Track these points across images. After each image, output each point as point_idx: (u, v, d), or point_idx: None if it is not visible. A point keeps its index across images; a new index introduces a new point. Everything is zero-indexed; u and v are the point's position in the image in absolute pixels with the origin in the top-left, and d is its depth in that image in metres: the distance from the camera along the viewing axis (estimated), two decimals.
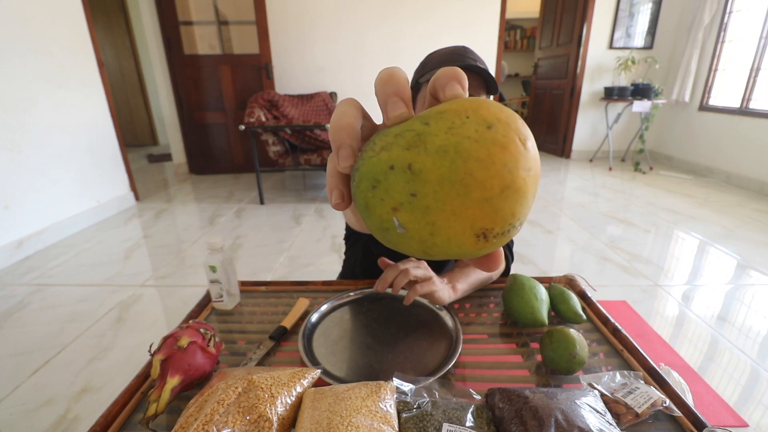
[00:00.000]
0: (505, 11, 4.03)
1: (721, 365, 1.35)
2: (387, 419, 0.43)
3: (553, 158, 4.75)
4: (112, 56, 5.48)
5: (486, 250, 0.20)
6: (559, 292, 0.71)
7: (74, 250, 2.31)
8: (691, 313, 1.67)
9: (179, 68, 3.78)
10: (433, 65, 0.76)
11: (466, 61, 0.74)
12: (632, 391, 0.50)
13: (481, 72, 0.74)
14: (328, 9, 3.84)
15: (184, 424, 0.43)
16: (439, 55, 0.79)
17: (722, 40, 3.74)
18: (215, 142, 4.03)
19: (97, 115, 2.82)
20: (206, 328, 0.57)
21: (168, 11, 3.61)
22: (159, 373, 0.50)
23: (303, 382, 0.49)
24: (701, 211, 2.87)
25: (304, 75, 4.01)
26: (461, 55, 0.76)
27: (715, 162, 3.76)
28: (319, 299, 0.78)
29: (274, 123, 2.97)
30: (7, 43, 2.15)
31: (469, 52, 0.77)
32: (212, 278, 0.72)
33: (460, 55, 0.76)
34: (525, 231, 2.52)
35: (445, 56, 0.77)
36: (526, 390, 0.47)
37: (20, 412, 1.18)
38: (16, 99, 2.21)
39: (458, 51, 0.78)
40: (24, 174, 2.25)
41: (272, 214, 2.90)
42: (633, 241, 2.36)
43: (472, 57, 0.77)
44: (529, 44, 6.84)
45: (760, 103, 3.38)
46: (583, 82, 4.36)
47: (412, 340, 0.65)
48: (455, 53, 0.77)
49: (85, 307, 1.73)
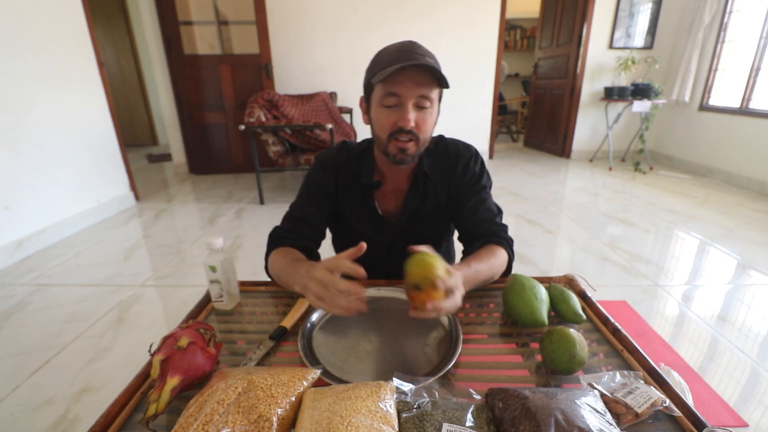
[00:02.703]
0: (505, 11, 4.03)
1: (721, 365, 1.35)
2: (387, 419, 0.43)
3: (553, 158, 4.75)
4: (112, 56, 5.48)
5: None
6: (559, 292, 0.70)
7: (74, 250, 2.31)
8: (691, 313, 1.67)
9: (179, 68, 3.77)
10: (383, 64, 0.75)
11: (414, 59, 0.73)
12: (632, 391, 0.50)
13: (429, 69, 0.73)
14: (328, 9, 3.84)
15: (184, 424, 0.43)
16: (387, 53, 0.77)
17: (722, 40, 3.74)
18: (215, 142, 4.03)
19: (97, 115, 2.82)
20: (206, 328, 0.57)
21: (168, 11, 3.61)
22: (159, 373, 0.50)
23: (303, 382, 0.49)
24: (701, 211, 2.87)
25: (304, 75, 4.01)
26: (408, 52, 0.75)
27: (715, 162, 3.76)
28: None
29: (274, 123, 2.97)
30: (7, 43, 2.15)
31: (416, 48, 0.76)
32: (212, 278, 0.72)
33: (407, 51, 0.75)
34: (525, 231, 2.52)
35: (394, 54, 0.75)
36: (526, 390, 0.47)
37: (20, 412, 1.18)
38: (16, 99, 2.21)
39: (405, 48, 0.76)
40: (24, 174, 2.25)
41: (272, 214, 2.90)
42: (633, 241, 2.36)
43: (420, 52, 0.75)
44: (529, 44, 6.84)
45: (760, 103, 3.38)
46: (583, 82, 4.35)
47: (412, 340, 0.65)
48: (403, 50, 0.75)
49: (85, 307, 1.73)
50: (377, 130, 0.82)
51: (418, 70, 0.74)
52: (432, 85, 0.76)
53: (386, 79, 0.74)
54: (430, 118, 0.80)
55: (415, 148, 0.80)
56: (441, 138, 0.95)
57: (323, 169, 0.92)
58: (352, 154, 0.92)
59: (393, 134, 0.78)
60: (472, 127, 4.38)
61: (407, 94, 0.75)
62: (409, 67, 0.72)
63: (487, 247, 0.85)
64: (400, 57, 0.74)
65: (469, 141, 0.97)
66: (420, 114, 0.78)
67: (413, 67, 0.73)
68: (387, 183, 0.92)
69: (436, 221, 0.95)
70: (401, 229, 0.93)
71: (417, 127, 0.78)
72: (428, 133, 0.81)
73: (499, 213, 0.93)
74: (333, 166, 0.92)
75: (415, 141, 0.79)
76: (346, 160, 0.92)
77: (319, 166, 0.93)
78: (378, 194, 0.92)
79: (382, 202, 0.93)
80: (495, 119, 4.38)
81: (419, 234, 0.93)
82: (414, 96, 0.75)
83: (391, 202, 0.93)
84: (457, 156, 0.91)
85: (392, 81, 0.74)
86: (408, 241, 0.95)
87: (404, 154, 0.80)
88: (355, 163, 0.91)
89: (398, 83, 0.74)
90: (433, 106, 0.79)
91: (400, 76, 0.74)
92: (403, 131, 0.77)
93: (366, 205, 0.91)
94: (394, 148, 0.80)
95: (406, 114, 0.76)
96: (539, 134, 5.22)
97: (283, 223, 0.92)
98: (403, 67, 0.72)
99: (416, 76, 0.74)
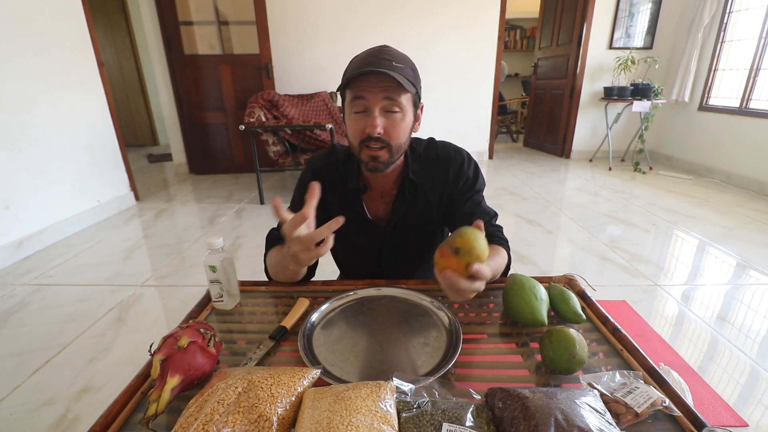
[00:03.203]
0: (505, 11, 4.03)
1: (721, 365, 1.35)
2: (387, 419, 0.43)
3: (553, 158, 4.75)
4: (112, 56, 5.48)
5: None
6: (559, 292, 0.71)
7: (74, 250, 2.31)
8: (691, 312, 1.67)
9: (179, 68, 3.77)
10: (350, 70, 0.75)
11: (380, 65, 0.72)
12: (632, 391, 0.50)
13: (392, 75, 0.71)
14: (328, 9, 3.84)
15: (184, 424, 0.43)
16: (358, 59, 0.77)
17: (722, 40, 3.74)
18: (215, 142, 4.03)
19: (97, 115, 2.82)
20: (206, 328, 0.57)
21: (168, 11, 3.61)
22: (159, 373, 0.50)
23: (303, 382, 0.49)
24: (701, 211, 2.87)
25: (304, 75, 4.01)
26: (376, 57, 0.74)
27: (714, 162, 3.76)
28: (319, 299, 0.78)
29: (274, 123, 2.97)
30: (7, 43, 2.15)
31: (385, 53, 0.75)
32: (212, 278, 0.72)
33: (375, 57, 0.74)
34: (525, 231, 2.52)
35: (363, 60, 0.75)
36: (525, 390, 0.47)
37: (20, 412, 1.18)
38: (16, 99, 2.21)
39: (374, 53, 0.76)
40: (24, 174, 2.25)
41: (272, 214, 2.90)
42: (633, 241, 2.37)
43: (387, 57, 0.74)
44: (529, 44, 6.84)
45: (759, 103, 3.38)
46: (582, 82, 4.36)
47: (412, 340, 0.65)
48: (371, 55, 0.75)
49: (85, 307, 1.73)
50: (350, 137, 0.82)
51: (384, 76, 0.73)
52: (399, 90, 0.75)
53: (353, 84, 0.74)
54: (401, 123, 0.78)
55: (387, 156, 0.79)
56: (431, 141, 0.94)
57: (312, 173, 0.92)
58: (340, 158, 0.92)
59: (363, 141, 0.78)
60: (472, 127, 4.38)
61: (373, 99, 0.75)
62: (373, 73, 0.72)
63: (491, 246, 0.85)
64: (368, 62, 0.73)
65: (469, 141, 0.98)
66: (389, 120, 0.77)
67: (378, 72, 0.72)
68: (373, 188, 0.91)
69: (426, 226, 0.94)
70: (390, 234, 0.92)
71: (386, 134, 0.77)
72: (400, 140, 0.80)
73: (495, 215, 0.92)
74: (320, 169, 0.92)
75: (387, 148, 0.78)
76: (333, 163, 0.92)
77: (309, 170, 0.93)
78: (366, 198, 0.92)
79: (370, 207, 0.92)
80: (495, 119, 4.38)
81: (409, 238, 0.93)
82: (380, 101, 0.75)
83: (380, 207, 0.93)
84: (448, 161, 0.90)
85: (358, 86, 0.74)
86: (397, 245, 0.95)
87: (376, 162, 0.79)
88: (342, 167, 0.91)
89: (363, 88, 0.74)
90: (404, 111, 0.78)
91: (366, 81, 0.74)
92: (371, 138, 0.76)
93: (354, 209, 0.90)
94: (366, 155, 0.79)
95: (373, 120, 0.75)
96: (539, 134, 5.22)
97: (278, 225, 0.92)
98: (364, 72, 0.71)
99: (381, 81, 0.74)
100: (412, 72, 0.78)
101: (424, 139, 0.94)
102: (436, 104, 4.11)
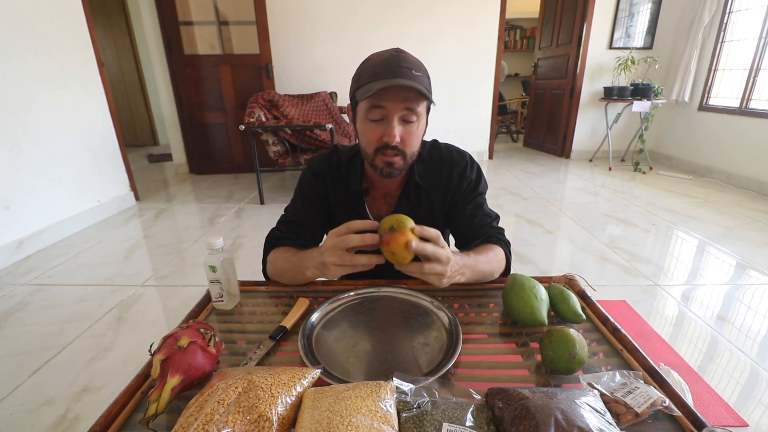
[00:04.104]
0: (505, 11, 4.03)
1: (721, 365, 1.35)
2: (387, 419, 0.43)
3: (553, 158, 4.75)
4: (112, 56, 5.48)
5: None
6: (559, 292, 0.71)
7: (74, 250, 2.31)
8: (691, 312, 1.67)
9: (179, 68, 3.77)
10: (368, 78, 0.74)
11: (401, 73, 0.71)
12: (632, 391, 0.50)
13: (413, 86, 0.71)
14: (328, 9, 3.84)
15: (184, 424, 0.43)
16: (373, 65, 0.75)
17: (722, 40, 3.74)
18: (215, 142, 4.03)
19: (97, 115, 2.82)
20: (206, 328, 0.57)
21: (168, 11, 3.61)
22: (159, 373, 0.50)
23: (303, 382, 0.49)
24: (701, 211, 2.87)
25: (304, 75, 4.01)
26: (394, 66, 0.72)
27: (714, 162, 3.76)
28: (319, 299, 0.78)
29: (274, 123, 2.97)
30: (7, 43, 2.15)
31: (402, 60, 0.73)
32: (212, 278, 0.72)
33: (393, 65, 0.72)
34: (525, 231, 2.51)
35: (379, 67, 0.73)
36: (525, 390, 0.47)
37: (20, 412, 1.18)
38: (16, 99, 2.21)
39: (391, 60, 0.73)
40: (24, 174, 2.25)
41: (272, 213, 2.90)
42: (633, 241, 2.37)
43: (407, 66, 0.73)
44: (529, 44, 6.84)
45: (759, 103, 3.38)
46: (582, 82, 4.35)
47: (412, 340, 0.65)
48: (388, 63, 0.73)
49: (85, 307, 1.73)
50: (363, 144, 0.81)
51: (406, 87, 0.72)
52: (418, 100, 0.74)
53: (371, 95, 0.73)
54: (417, 132, 0.78)
55: (402, 162, 0.79)
56: (435, 143, 0.94)
57: (313, 174, 0.91)
58: (342, 159, 0.91)
59: (379, 149, 0.77)
60: (472, 127, 4.37)
61: (392, 109, 0.74)
62: (399, 85, 0.71)
63: (484, 244, 0.85)
64: (386, 70, 0.72)
65: (469, 141, 0.97)
66: (406, 128, 0.76)
67: (396, 87, 0.71)
68: (377, 189, 0.91)
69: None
70: None
71: (403, 142, 0.77)
72: (415, 147, 0.80)
73: (496, 218, 0.92)
74: (322, 171, 0.91)
75: (402, 155, 0.78)
76: (335, 165, 0.91)
77: (310, 171, 0.92)
78: (369, 199, 0.92)
79: (373, 207, 0.92)
80: (495, 119, 4.38)
81: None
82: (399, 111, 0.74)
83: (383, 208, 0.92)
84: (451, 164, 0.90)
85: (378, 94, 0.73)
86: None
87: (391, 168, 0.79)
88: (344, 169, 0.90)
89: (383, 98, 0.73)
90: (420, 119, 0.78)
91: (386, 90, 0.72)
92: (388, 147, 0.76)
93: (356, 210, 0.90)
94: (380, 162, 0.79)
95: (391, 130, 0.75)
96: (539, 134, 5.22)
97: (278, 225, 0.92)
98: (387, 87, 0.70)
99: (402, 91, 0.73)
100: (428, 79, 0.77)
101: (428, 141, 0.94)
102: (436, 104, 4.10)
